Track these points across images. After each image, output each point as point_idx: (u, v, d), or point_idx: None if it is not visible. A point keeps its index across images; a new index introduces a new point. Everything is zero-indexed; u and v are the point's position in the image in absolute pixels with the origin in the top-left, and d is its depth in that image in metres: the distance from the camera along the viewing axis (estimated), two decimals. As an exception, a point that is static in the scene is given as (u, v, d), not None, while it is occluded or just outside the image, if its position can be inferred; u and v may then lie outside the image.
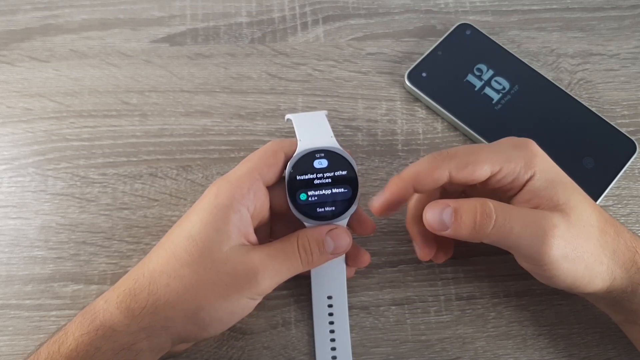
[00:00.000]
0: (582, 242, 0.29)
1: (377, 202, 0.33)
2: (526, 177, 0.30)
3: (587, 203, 0.30)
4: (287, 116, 0.35)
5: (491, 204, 0.29)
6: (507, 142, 0.32)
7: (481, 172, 0.30)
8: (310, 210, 0.33)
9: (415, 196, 0.35)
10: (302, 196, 0.32)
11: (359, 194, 0.33)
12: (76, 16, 0.47)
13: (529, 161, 0.30)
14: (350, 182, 0.33)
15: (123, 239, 0.39)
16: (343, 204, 0.33)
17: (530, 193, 0.30)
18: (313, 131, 0.34)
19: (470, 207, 0.30)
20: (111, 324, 0.29)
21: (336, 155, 0.33)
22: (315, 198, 0.33)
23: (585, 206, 0.30)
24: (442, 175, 0.30)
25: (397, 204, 0.32)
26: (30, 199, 0.40)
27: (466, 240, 0.31)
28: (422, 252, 0.35)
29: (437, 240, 0.36)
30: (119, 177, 0.41)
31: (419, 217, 0.33)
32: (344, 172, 0.33)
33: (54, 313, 0.37)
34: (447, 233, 0.30)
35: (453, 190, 0.35)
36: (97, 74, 0.44)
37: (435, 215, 0.30)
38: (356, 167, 0.33)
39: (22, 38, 0.46)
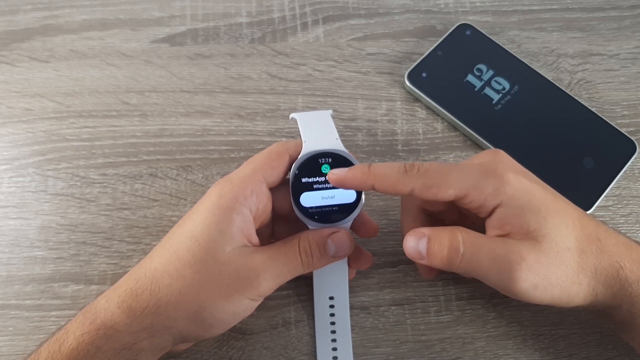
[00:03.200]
0: (554, 270, 0.29)
1: (336, 174, 0.31)
2: (493, 204, 0.30)
3: (564, 225, 0.29)
4: (292, 115, 0.35)
5: (459, 236, 0.29)
6: (478, 167, 0.31)
7: (445, 195, 0.30)
8: (313, 213, 0.33)
9: (405, 218, 0.35)
10: (306, 198, 0.32)
11: (363, 197, 0.33)
12: (76, 16, 0.47)
13: (497, 189, 0.29)
14: None
15: (123, 239, 0.39)
16: (347, 207, 0.33)
17: (499, 220, 0.30)
18: (318, 132, 0.34)
19: (440, 238, 0.30)
20: (112, 323, 0.29)
21: (341, 158, 0.33)
22: (319, 200, 0.33)
23: (562, 230, 0.29)
24: (404, 190, 0.30)
25: (349, 186, 0.31)
26: (30, 199, 0.40)
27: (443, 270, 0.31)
28: (425, 271, 0.35)
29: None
30: (119, 177, 0.41)
31: None
32: None
33: (54, 313, 0.37)
34: (424, 262, 0.30)
35: (432, 208, 0.35)
36: (97, 74, 0.44)
37: (413, 244, 0.30)
38: None
39: (22, 38, 0.46)
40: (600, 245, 0.30)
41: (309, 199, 0.32)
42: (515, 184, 0.30)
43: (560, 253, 0.29)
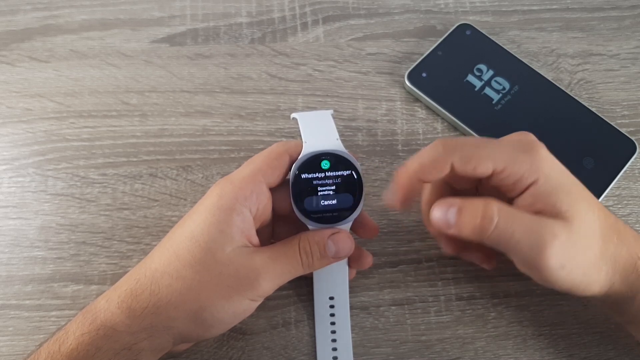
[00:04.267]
0: (581, 252, 0.29)
1: (392, 199, 0.32)
2: (529, 181, 0.30)
3: (592, 211, 0.30)
4: (293, 115, 0.35)
5: (495, 206, 0.29)
6: (516, 141, 0.31)
7: (484, 169, 0.30)
8: (313, 213, 0.33)
9: (425, 196, 0.35)
10: (306, 199, 0.32)
11: (363, 197, 0.33)
12: (76, 16, 0.47)
13: (534, 165, 0.30)
14: (355, 185, 0.33)
15: (123, 239, 0.39)
16: (347, 208, 0.33)
17: (532, 197, 0.30)
18: (318, 132, 0.34)
19: (473, 207, 0.29)
20: (112, 323, 0.29)
21: (341, 159, 0.33)
22: (319, 201, 0.33)
23: (589, 215, 0.30)
24: (444, 167, 0.30)
25: (411, 197, 0.32)
26: (30, 199, 0.40)
27: (470, 240, 0.30)
28: (447, 246, 0.35)
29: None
30: (119, 178, 0.41)
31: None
32: (349, 176, 0.33)
33: (54, 313, 0.37)
34: (452, 232, 0.30)
35: (459, 186, 0.35)
36: (97, 74, 0.44)
37: (441, 214, 0.30)
38: (361, 171, 0.33)
39: (22, 38, 0.46)
40: (620, 237, 0.31)
41: (309, 200, 0.32)
42: (551, 163, 0.30)
43: (587, 237, 0.29)
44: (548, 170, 0.30)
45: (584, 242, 0.29)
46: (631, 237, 0.31)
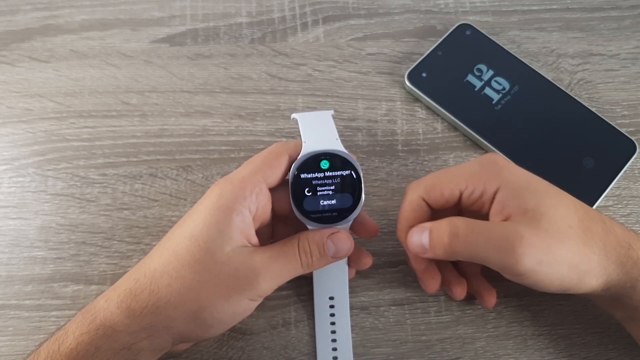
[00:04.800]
0: (558, 245, 0.29)
1: (424, 272, 0.35)
2: (492, 189, 0.31)
3: (564, 205, 0.30)
4: (293, 115, 0.35)
5: (458, 222, 0.30)
6: (474, 162, 0.33)
7: (448, 191, 0.32)
8: (313, 213, 0.33)
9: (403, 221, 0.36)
10: (306, 199, 0.32)
11: (363, 197, 0.33)
12: (76, 16, 0.47)
13: (494, 174, 0.31)
14: (354, 185, 0.33)
15: (123, 240, 0.39)
16: (346, 208, 0.33)
17: (499, 204, 0.31)
18: (318, 132, 0.34)
19: (440, 227, 0.31)
20: (111, 323, 0.29)
21: (340, 159, 0.33)
22: (319, 201, 0.33)
23: (562, 208, 0.30)
24: (418, 203, 0.33)
25: (424, 250, 0.33)
26: (30, 199, 0.40)
27: (447, 259, 0.32)
28: (428, 284, 0.35)
29: (445, 274, 0.36)
30: (119, 178, 0.41)
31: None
32: (348, 176, 0.33)
33: (54, 313, 0.37)
34: (428, 255, 0.32)
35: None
36: (97, 74, 0.44)
37: (415, 239, 0.32)
38: (360, 171, 0.33)
39: (22, 38, 0.46)
40: (605, 227, 0.31)
41: (308, 200, 0.32)
42: (512, 168, 0.32)
43: (562, 230, 0.29)
44: (507, 175, 0.31)
45: (558, 234, 0.29)
46: (617, 228, 0.31)
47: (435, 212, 0.34)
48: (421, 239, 0.32)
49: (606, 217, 0.32)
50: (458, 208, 0.34)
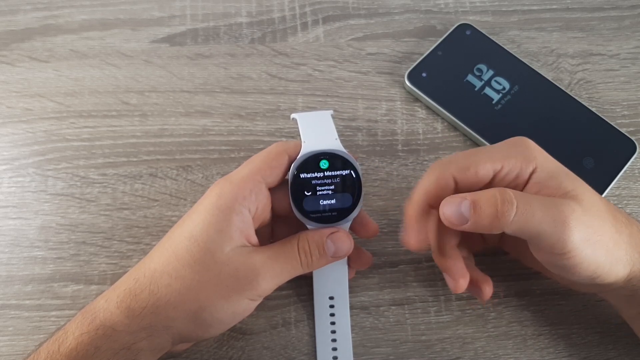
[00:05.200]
0: (600, 226, 0.29)
1: (409, 239, 0.32)
2: (528, 170, 0.30)
3: (593, 192, 0.31)
4: (293, 115, 0.35)
5: (510, 191, 0.29)
6: (505, 142, 0.32)
7: (484, 171, 0.30)
8: (312, 213, 0.33)
9: (432, 227, 0.34)
10: (305, 199, 0.32)
11: (362, 197, 0.33)
12: (76, 16, 0.47)
13: (529, 155, 0.31)
14: (354, 185, 0.33)
15: (123, 239, 0.39)
16: (346, 207, 0.33)
17: (537, 185, 0.30)
18: (317, 132, 0.34)
19: (489, 196, 0.29)
20: (111, 323, 0.29)
21: (340, 158, 0.33)
22: (318, 200, 0.33)
23: (593, 194, 0.30)
24: (447, 182, 0.31)
25: (424, 231, 0.32)
26: (30, 199, 0.40)
27: (485, 232, 0.30)
28: (457, 284, 0.33)
29: (470, 271, 0.34)
30: (119, 177, 0.41)
31: (443, 248, 0.33)
32: (348, 175, 0.33)
33: (54, 313, 0.37)
34: (467, 226, 0.29)
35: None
36: (97, 74, 0.44)
37: (453, 209, 0.30)
38: (360, 170, 0.33)
39: (22, 38, 0.46)
40: (627, 217, 0.31)
41: (308, 199, 0.32)
42: (543, 152, 0.31)
43: (599, 213, 0.29)
44: (542, 157, 0.31)
45: (598, 215, 0.29)
46: (635, 220, 0.32)
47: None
48: (460, 208, 0.29)
49: (622, 210, 0.32)
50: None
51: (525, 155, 0.31)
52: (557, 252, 0.29)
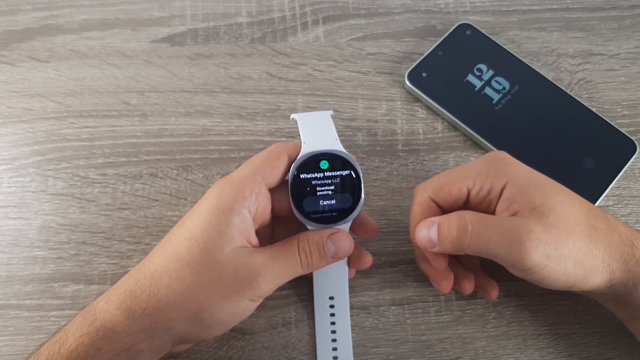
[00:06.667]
0: (565, 240, 0.29)
1: (422, 266, 0.36)
2: (500, 186, 0.31)
3: (570, 202, 0.31)
4: (292, 116, 0.35)
5: (467, 215, 0.30)
6: (481, 158, 0.33)
7: (456, 190, 0.32)
8: (312, 213, 0.33)
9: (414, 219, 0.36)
10: (305, 199, 0.32)
11: (362, 197, 0.33)
12: (76, 16, 0.47)
13: (500, 171, 0.32)
14: (354, 185, 0.33)
15: (123, 239, 0.39)
16: (346, 208, 0.33)
17: (507, 200, 0.31)
18: (317, 133, 0.34)
19: (449, 221, 0.31)
20: (112, 324, 0.29)
21: (340, 159, 0.33)
22: (318, 201, 0.33)
23: (568, 205, 0.30)
24: (428, 205, 0.33)
25: (432, 244, 0.33)
26: (30, 199, 0.40)
27: (455, 254, 0.32)
28: (440, 287, 0.35)
29: (453, 270, 0.36)
30: (119, 177, 0.41)
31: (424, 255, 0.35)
32: (348, 176, 0.33)
33: (54, 313, 0.37)
34: (436, 250, 0.32)
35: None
36: (97, 74, 0.44)
37: (424, 233, 0.32)
38: (360, 171, 0.33)
39: (22, 38, 0.46)
40: (609, 225, 0.31)
41: (308, 200, 0.32)
42: (517, 165, 0.32)
43: (569, 226, 0.30)
44: (514, 172, 0.32)
45: (565, 230, 0.30)
46: (620, 226, 0.32)
47: (444, 212, 0.34)
48: (429, 232, 0.32)
49: (609, 215, 0.32)
50: (466, 207, 0.34)
51: (497, 171, 0.32)
52: (519, 269, 0.30)
